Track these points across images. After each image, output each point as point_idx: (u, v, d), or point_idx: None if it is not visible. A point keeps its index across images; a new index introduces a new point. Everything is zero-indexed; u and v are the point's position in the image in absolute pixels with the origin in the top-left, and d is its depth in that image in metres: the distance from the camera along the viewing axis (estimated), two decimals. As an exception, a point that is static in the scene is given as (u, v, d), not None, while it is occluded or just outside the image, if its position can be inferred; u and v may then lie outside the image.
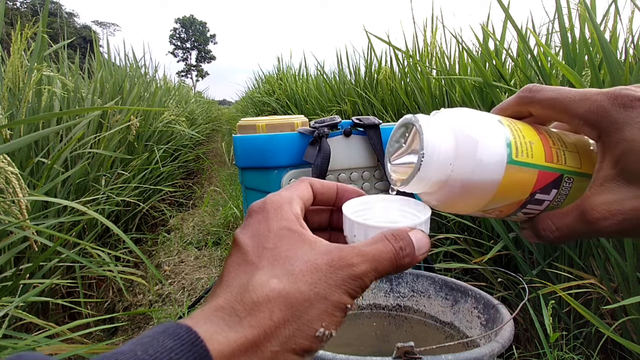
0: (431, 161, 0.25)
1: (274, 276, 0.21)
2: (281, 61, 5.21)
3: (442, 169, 0.25)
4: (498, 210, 0.27)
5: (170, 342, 0.17)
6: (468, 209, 0.27)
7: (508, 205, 0.27)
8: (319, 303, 0.20)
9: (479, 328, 0.61)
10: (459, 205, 0.27)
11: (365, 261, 0.22)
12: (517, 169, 0.25)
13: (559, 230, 0.26)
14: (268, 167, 0.74)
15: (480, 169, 0.25)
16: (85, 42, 21.23)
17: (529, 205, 0.27)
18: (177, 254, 1.99)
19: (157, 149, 2.45)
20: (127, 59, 3.26)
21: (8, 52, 1.42)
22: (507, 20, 1.34)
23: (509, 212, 0.27)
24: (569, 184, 0.27)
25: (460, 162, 0.25)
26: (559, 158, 0.26)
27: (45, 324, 0.93)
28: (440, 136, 0.25)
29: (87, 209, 0.99)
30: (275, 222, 0.23)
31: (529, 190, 0.26)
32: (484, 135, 0.25)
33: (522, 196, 0.26)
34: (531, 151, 0.26)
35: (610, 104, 0.24)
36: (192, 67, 60.39)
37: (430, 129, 0.25)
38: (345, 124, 0.79)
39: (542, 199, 0.27)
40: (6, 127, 1.15)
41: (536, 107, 0.27)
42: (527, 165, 0.25)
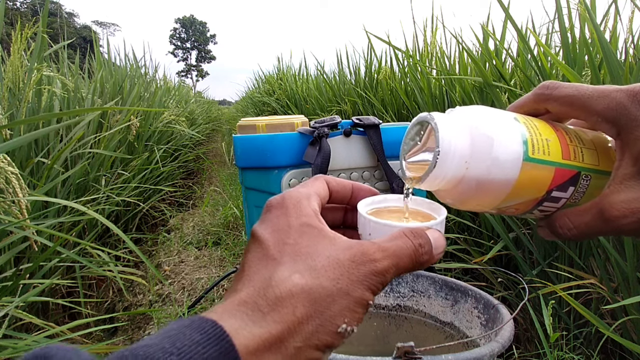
0: (446, 159, 0.24)
1: (296, 271, 0.20)
2: (281, 61, 5.21)
3: (457, 166, 0.25)
4: (514, 208, 0.27)
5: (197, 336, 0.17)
6: (484, 207, 0.27)
7: (524, 203, 0.26)
8: (342, 299, 0.20)
9: (479, 328, 0.61)
10: (474, 202, 0.27)
11: (387, 257, 0.22)
12: (533, 166, 0.25)
13: (577, 228, 0.25)
14: (268, 167, 0.74)
15: (495, 166, 0.25)
16: (85, 42, 21.23)
17: (545, 203, 0.26)
18: (177, 254, 1.99)
19: (157, 149, 2.45)
20: (127, 59, 3.26)
21: (8, 52, 1.42)
22: (507, 20, 1.34)
23: (525, 209, 0.27)
24: (587, 181, 0.26)
25: (476, 160, 0.25)
26: (576, 155, 0.26)
27: (45, 324, 0.93)
28: (455, 134, 0.25)
29: (87, 209, 0.99)
30: (294, 217, 0.23)
31: (546, 188, 0.26)
32: (499, 132, 0.25)
33: (538, 194, 0.26)
34: (548, 148, 0.25)
35: (630, 101, 0.23)
36: (192, 67, 60.39)
37: (446, 126, 0.25)
38: (345, 124, 0.79)
39: (559, 197, 0.26)
40: (6, 127, 1.15)
41: (553, 104, 0.27)
42: (544, 163, 0.25)
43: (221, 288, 1.62)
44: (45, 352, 0.18)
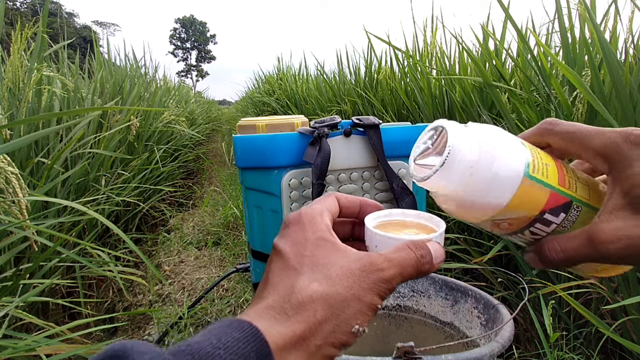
0: (454, 160, 0.26)
1: (315, 280, 0.24)
2: (281, 61, 5.21)
3: (463, 170, 0.26)
4: (508, 222, 0.28)
5: (237, 334, 0.21)
6: (481, 216, 0.28)
7: (518, 219, 0.28)
8: (355, 303, 0.24)
9: (479, 328, 0.61)
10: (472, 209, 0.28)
11: (393, 266, 0.25)
12: (532, 183, 0.27)
13: (564, 252, 0.27)
14: (268, 167, 0.74)
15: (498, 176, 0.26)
16: (85, 42, 21.23)
17: (537, 224, 0.28)
18: (177, 254, 1.99)
19: (157, 149, 2.45)
20: (127, 59, 3.26)
21: (8, 52, 1.42)
22: (507, 20, 1.34)
23: (518, 227, 0.28)
24: (577, 212, 0.28)
25: (481, 167, 0.26)
26: (570, 185, 0.28)
27: (45, 324, 0.92)
28: (466, 141, 0.27)
29: (87, 209, 0.99)
30: (310, 232, 0.27)
31: (540, 208, 0.27)
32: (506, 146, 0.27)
33: (532, 212, 0.27)
34: (546, 172, 0.27)
35: (623, 141, 0.25)
36: (192, 67, 60.36)
37: (459, 133, 0.27)
38: (345, 124, 0.79)
39: (550, 221, 0.28)
40: (6, 127, 1.15)
41: (554, 139, 0.29)
42: (541, 183, 0.27)
43: (221, 288, 1.62)
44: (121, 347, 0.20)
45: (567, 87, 1.13)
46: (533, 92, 1.27)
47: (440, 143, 0.28)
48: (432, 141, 0.29)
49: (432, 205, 1.55)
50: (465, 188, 0.27)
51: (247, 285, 1.60)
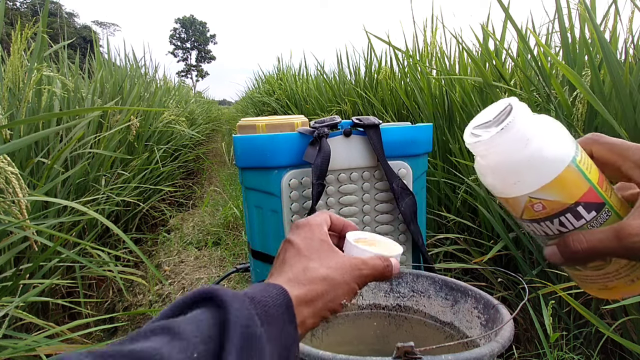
0: (513, 128, 0.28)
1: (321, 266, 0.35)
2: (281, 61, 5.21)
3: (519, 140, 0.28)
4: (543, 204, 0.29)
5: (275, 291, 0.31)
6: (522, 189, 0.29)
7: (553, 203, 0.29)
8: (344, 286, 0.36)
9: (479, 328, 0.61)
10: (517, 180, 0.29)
11: (368, 268, 0.38)
12: (576, 171, 0.28)
13: (588, 242, 0.28)
14: (268, 167, 0.74)
15: (549, 152, 0.28)
16: (85, 42, 21.22)
17: (568, 214, 0.29)
18: (177, 254, 1.99)
19: (157, 149, 2.45)
20: (127, 59, 3.26)
21: (8, 52, 1.42)
22: (507, 20, 1.34)
23: (550, 212, 0.29)
24: (607, 215, 0.29)
25: (536, 141, 0.28)
26: (607, 190, 0.30)
27: (45, 324, 0.93)
28: (529, 118, 0.29)
29: (87, 209, 0.99)
30: (317, 234, 0.38)
31: (576, 198, 0.28)
32: (562, 132, 0.29)
33: (568, 200, 0.28)
34: (590, 168, 0.29)
35: None
36: (192, 67, 60.34)
37: (524, 110, 0.29)
38: (345, 124, 0.79)
39: (581, 215, 0.29)
40: (6, 127, 1.15)
41: (598, 147, 0.31)
42: (584, 175, 0.29)
43: (221, 288, 1.62)
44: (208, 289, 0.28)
45: (567, 87, 1.13)
46: (533, 92, 1.27)
47: (502, 118, 0.30)
48: (495, 116, 0.31)
49: (431, 206, 1.55)
50: (516, 158, 0.28)
51: (247, 285, 1.60)
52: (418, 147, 0.82)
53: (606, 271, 0.31)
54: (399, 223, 0.83)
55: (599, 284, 0.32)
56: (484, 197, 1.21)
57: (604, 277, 0.31)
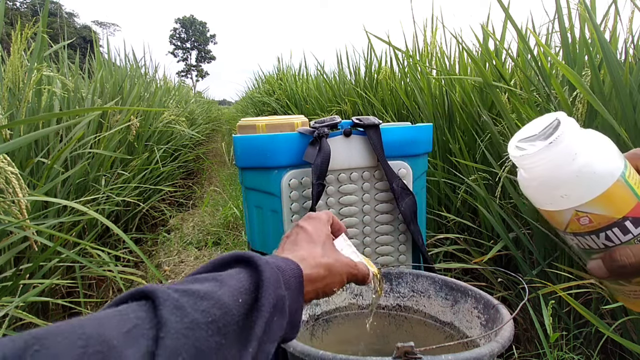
0: (563, 141, 0.28)
1: (325, 255, 0.42)
2: (281, 61, 5.21)
3: (566, 154, 0.28)
4: (590, 218, 0.29)
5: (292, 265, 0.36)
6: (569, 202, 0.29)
7: (600, 217, 0.29)
8: (338, 277, 0.42)
9: (479, 328, 0.61)
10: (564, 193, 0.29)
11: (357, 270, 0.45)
12: (624, 186, 0.28)
13: (637, 256, 0.28)
14: (268, 167, 0.74)
15: (597, 166, 0.28)
16: (85, 42, 21.22)
17: (615, 229, 0.29)
18: (177, 254, 1.99)
19: (157, 149, 2.45)
20: (127, 59, 3.26)
21: (8, 52, 1.42)
22: (507, 20, 1.34)
23: (597, 226, 0.29)
24: None
25: (584, 155, 0.28)
26: None
27: (45, 324, 0.92)
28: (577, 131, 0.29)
29: (87, 209, 0.99)
30: (324, 227, 0.46)
31: (624, 212, 0.28)
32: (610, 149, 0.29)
33: (616, 214, 0.28)
34: (638, 184, 0.29)
35: None
36: (192, 67, 60.31)
37: (573, 124, 0.29)
38: (345, 124, 0.79)
39: (629, 229, 0.28)
40: (6, 127, 1.15)
41: None
42: (632, 190, 0.28)
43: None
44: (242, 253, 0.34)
45: (567, 87, 1.13)
46: (533, 92, 1.27)
47: (549, 132, 0.30)
48: (541, 129, 0.30)
49: (431, 206, 1.56)
50: (563, 172, 0.28)
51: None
52: (418, 147, 0.82)
53: None
54: (399, 223, 0.83)
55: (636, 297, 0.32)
56: (484, 197, 1.21)
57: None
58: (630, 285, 0.31)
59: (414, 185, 0.83)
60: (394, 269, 0.75)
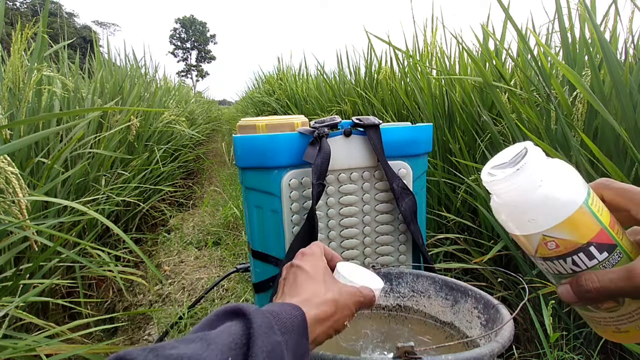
0: (528, 169, 0.30)
1: (329, 291, 0.41)
2: (281, 61, 5.21)
3: (533, 181, 0.30)
4: (556, 243, 0.30)
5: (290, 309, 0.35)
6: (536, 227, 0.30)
7: (566, 242, 0.30)
8: (347, 309, 0.41)
9: (479, 328, 0.61)
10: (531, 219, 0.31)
11: (362, 297, 0.44)
12: (588, 212, 0.30)
13: (601, 282, 0.29)
14: (268, 167, 0.74)
15: (562, 194, 0.30)
16: (86, 42, 21.23)
17: (581, 254, 0.30)
18: (177, 254, 1.99)
19: (157, 149, 2.45)
20: (127, 59, 3.26)
21: (8, 52, 1.42)
22: (507, 20, 1.34)
23: (564, 251, 0.30)
24: (619, 257, 0.30)
25: (550, 183, 0.30)
26: (618, 233, 0.31)
27: (45, 324, 0.93)
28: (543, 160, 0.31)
29: (87, 209, 0.99)
30: (321, 263, 0.45)
31: (588, 238, 0.30)
32: (573, 177, 0.31)
33: (581, 239, 0.30)
34: (602, 210, 0.31)
35: None
36: (192, 67, 60.30)
37: (539, 153, 0.31)
38: (345, 124, 0.79)
39: (594, 255, 0.30)
40: (6, 128, 1.15)
41: (609, 193, 0.33)
42: (595, 217, 0.30)
43: (221, 288, 1.62)
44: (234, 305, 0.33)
45: (567, 87, 1.13)
46: (533, 92, 1.27)
47: (518, 160, 0.31)
48: (511, 158, 0.33)
49: (431, 206, 1.56)
50: (531, 197, 0.30)
51: (247, 285, 1.60)
52: (418, 147, 0.82)
53: (619, 314, 0.31)
54: (399, 223, 0.83)
55: (612, 327, 0.32)
56: (484, 197, 1.21)
57: (617, 319, 0.32)
58: (600, 312, 0.32)
59: (414, 185, 0.83)
60: (394, 269, 0.75)
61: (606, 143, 1.00)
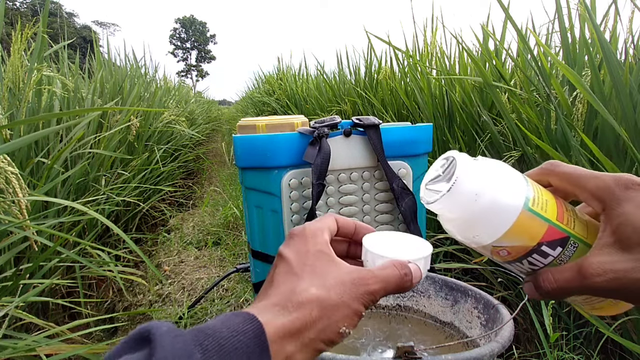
0: (461, 187, 0.29)
1: (313, 285, 0.28)
2: (281, 61, 5.21)
3: (468, 197, 0.29)
4: (507, 250, 0.30)
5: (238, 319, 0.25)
6: (480, 240, 0.30)
7: (516, 248, 0.29)
8: (343, 309, 0.28)
9: (479, 328, 0.61)
10: (474, 232, 0.30)
11: (378, 282, 0.30)
12: (530, 215, 0.29)
13: (557, 282, 0.29)
14: (268, 167, 0.74)
15: (499, 205, 0.29)
16: (86, 42, 21.23)
17: (534, 255, 0.30)
18: (177, 254, 1.99)
19: (157, 149, 2.45)
20: (127, 59, 3.26)
21: (8, 52, 1.42)
22: (507, 20, 1.34)
23: (517, 256, 0.30)
24: (574, 247, 0.30)
25: (485, 196, 0.29)
26: (568, 222, 0.30)
27: (45, 324, 0.93)
28: (473, 172, 0.29)
29: (87, 209, 0.99)
30: (312, 245, 0.31)
31: (538, 239, 0.29)
32: (508, 180, 0.30)
33: (530, 242, 0.29)
34: (546, 207, 0.29)
35: (615, 184, 0.28)
36: (192, 67, 60.32)
37: (467, 165, 0.29)
38: (345, 124, 0.79)
39: (547, 253, 0.30)
40: (6, 127, 1.15)
41: (554, 179, 0.32)
42: (539, 216, 0.29)
43: (221, 288, 1.62)
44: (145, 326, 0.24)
45: (567, 87, 1.13)
46: (533, 92, 1.27)
47: (450, 172, 0.30)
48: (443, 169, 0.31)
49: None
50: (469, 214, 0.29)
51: (247, 285, 1.60)
52: (418, 147, 0.82)
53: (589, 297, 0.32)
54: (399, 223, 0.83)
55: (587, 307, 0.33)
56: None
57: (589, 301, 0.32)
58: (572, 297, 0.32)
59: (414, 185, 0.83)
60: (394, 269, 0.75)
61: (606, 143, 1.00)
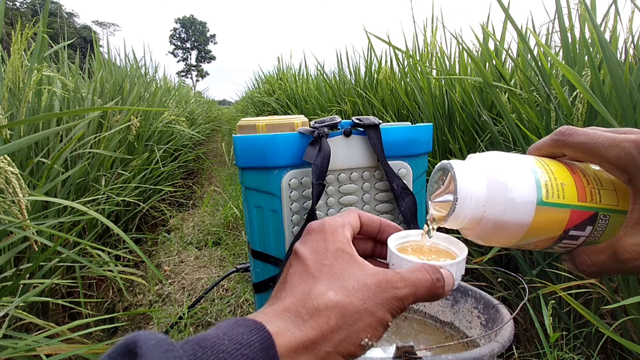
0: (464, 203, 0.27)
1: (331, 289, 0.24)
2: (281, 61, 5.21)
3: (475, 210, 0.27)
4: (533, 245, 0.29)
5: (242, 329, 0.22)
6: (504, 244, 0.29)
7: (542, 241, 0.28)
8: (367, 317, 0.24)
9: (479, 328, 0.61)
10: (494, 240, 0.29)
11: (407, 286, 0.26)
12: (547, 209, 0.27)
13: (594, 265, 0.27)
14: (268, 167, 0.74)
15: (511, 210, 0.27)
16: (86, 42, 21.23)
17: (564, 241, 0.28)
18: (177, 254, 1.99)
19: (157, 149, 2.45)
20: (127, 59, 3.26)
21: (8, 52, 1.42)
22: (507, 20, 1.34)
23: (545, 246, 0.29)
24: (605, 221, 0.28)
25: (492, 204, 0.27)
26: (593, 197, 0.27)
27: (45, 324, 0.93)
28: (473, 181, 0.27)
29: (87, 209, 0.99)
30: (331, 242, 0.27)
31: (563, 228, 0.27)
32: (514, 178, 0.27)
33: (555, 233, 0.28)
34: (563, 192, 0.27)
35: (637, 152, 0.25)
36: (192, 67, 60.31)
37: (464, 174, 0.27)
38: (345, 124, 0.79)
39: (577, 235, 0.28)
40: (6, 128, 1.15)
41: (569, 150, 0.28)
42: (559, 206, 0.27)
43: (221, 288, 1.62)
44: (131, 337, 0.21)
45: (567, 87, 1.13)
46: (533, 92, 1.27)
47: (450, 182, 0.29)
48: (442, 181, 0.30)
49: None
50: (482, 228, 0.28)
51: (247, 285, 1.60)
52: (418, 147, 0.82)
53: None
54: (399, 223, 0.83)
55: None
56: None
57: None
58: None
59: (414, 185, 0.83)
60: (394, 269, 0.75)
61: (606, 143, 1.00)
